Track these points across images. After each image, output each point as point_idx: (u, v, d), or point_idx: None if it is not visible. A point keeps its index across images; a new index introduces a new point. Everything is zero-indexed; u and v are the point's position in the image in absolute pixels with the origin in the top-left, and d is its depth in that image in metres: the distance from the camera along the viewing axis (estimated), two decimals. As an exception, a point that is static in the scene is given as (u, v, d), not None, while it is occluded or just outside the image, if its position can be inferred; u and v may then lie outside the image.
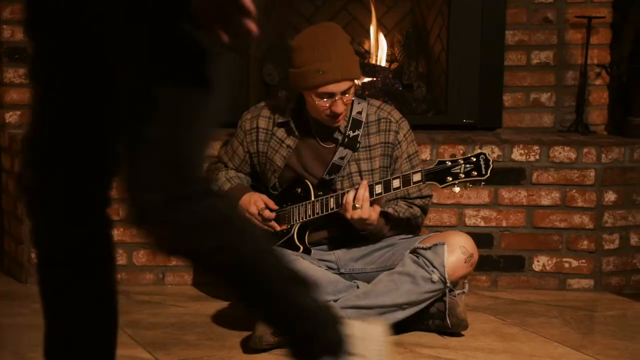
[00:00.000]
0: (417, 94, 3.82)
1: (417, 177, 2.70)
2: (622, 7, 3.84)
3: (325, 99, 2.77)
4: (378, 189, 2.73)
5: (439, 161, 2.70)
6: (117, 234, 3.35)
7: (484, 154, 2.67)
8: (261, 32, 1.46)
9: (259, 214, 2.85)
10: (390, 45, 3.94)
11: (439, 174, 2.69)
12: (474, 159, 2.67)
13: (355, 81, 2.87)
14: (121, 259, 3.37)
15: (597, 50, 3.65)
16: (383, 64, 3.91)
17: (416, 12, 3.99)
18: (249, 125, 2.97)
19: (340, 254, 2.90)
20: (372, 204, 2.74)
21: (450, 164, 2.68)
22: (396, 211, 2.89)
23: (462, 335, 2.80)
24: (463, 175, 2.67)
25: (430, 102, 3.78)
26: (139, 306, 3.09)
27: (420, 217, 2.95)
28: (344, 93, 2.77)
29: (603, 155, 3.31)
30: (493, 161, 2.68)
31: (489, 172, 2.66)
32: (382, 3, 3.97)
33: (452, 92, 3.62)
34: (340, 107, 2.76)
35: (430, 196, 2.98)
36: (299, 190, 2.88)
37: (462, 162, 2.67)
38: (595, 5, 3.62)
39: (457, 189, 2.69)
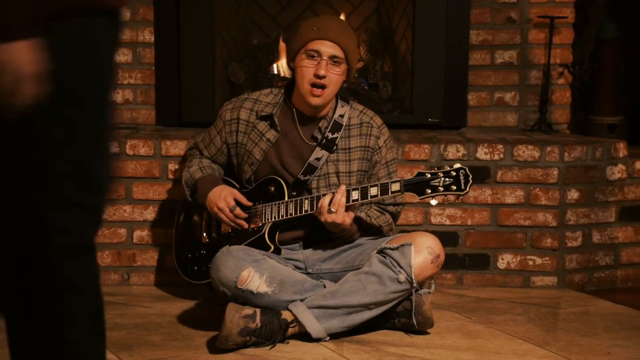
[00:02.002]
0: (382, 93, 3.83)
1: (395, 187, 2.70)
2: (583, 7, 3.89)
3: (313, 59, 2.77)
4: (355, 195, 2.73)
5: (418, 172, 2.70)
6: (81, 234, 3.32)
7: (464, 169, 2.66)
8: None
9: (230, 210, 2.84)
10: (356, 45, 3.94)
11: (418, 186, 2.68)
12: (454, 173, 2.66)
13: (349, 65, 2.84)
14: (85, 259, 3.34)
15: (560, 50, 3.70)
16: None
17: (381, 12, 4.00)
18: (230, 115, 2.95)
19: (308, 254, 2.90)
20: (347, 209, 2.74)
21: (429, 176, 2.68)
22: (368, 216, 2.89)
23: (428, 333, 2.81)
24: (442, 189, 2.67)
25: (396, 102, 3.80)
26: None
27: (392, 224, 2.96)
28: (332, 58, 2.77)
29: (566, 154, 3.35)
30: (470, 170, 2.67)
31: (468, 187, 2.66)
32: (348, 2, 3.98)
33: (417, 92, 3.64)
34: (322, 70, 2.75)
35: (403, 204, 2.98)
36: (272, 189, 2.87)
37: (442, 175, 2.67)
38: (557, 5, 3.66)
39: (434, 202, 2.68)
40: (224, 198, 2.85)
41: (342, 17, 3.89)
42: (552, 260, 3.37)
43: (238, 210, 2.85)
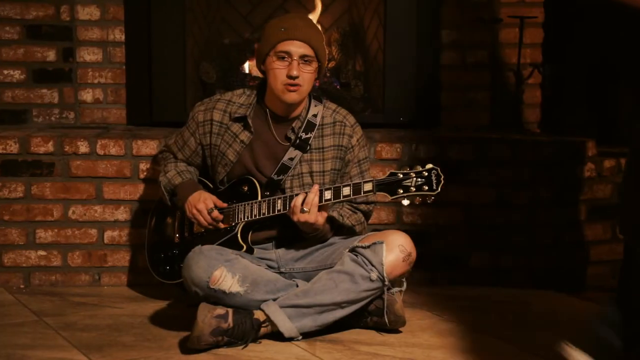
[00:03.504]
0: (354, 92, 3.84)
1: (368, 187, 2.70)
2: (553, 7, 3.92)
3: (284, 60, 2.77)
4: (327, 194, 2.73)
5: (390, 172, 2.70)
6: (52, 234, 3.31)
7: (436, 169, 2.67)
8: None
9: (208, 213, 2.83)
10: (328, 44, 3.95)
11: (390, 186, 2.69)
12: (426, 174, 2.67)
13: (321, 64, 2.84)
14: (56, 260, 3.32)
15: (530, 50, 3.72)
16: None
17: (353, 11, 4.01)
18: (203, 117, 2.94)
19: (281, 253, 2.90)
20: (320, 209, 2.74)
21: (402, 176, 2.68)
22: (341, 215, 2.90)
23: (400, 331, 2.82)
24: (414, 189, 2.67)
25: (368, 101, 3.81)
26: (74, 308, 3.04)
27: (364, 222, 2.96)
28: (302, 58, 2.77)
29: (537, 153, 3.37)
30: (442, 170, 2.68)
31: (439, 187, 2.67)
32: (320, 2, 3.97)
33: (389, 91, 3.65)
34: (294, 70, 2.75)
35: (375, 203, 2.99)
36: (246, 188, 2.86)
37: (414, 175, 2.68)
38: (527, 5, 3.69)
39: (406, 202, 2.69)
40: (203, 201, 2.84)
41: (313, 16, 3.90)
42: (523, 258, 3.39)
43: (215, 213, 2.84)
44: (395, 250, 2.75)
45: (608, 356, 1.99)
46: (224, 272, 2.65)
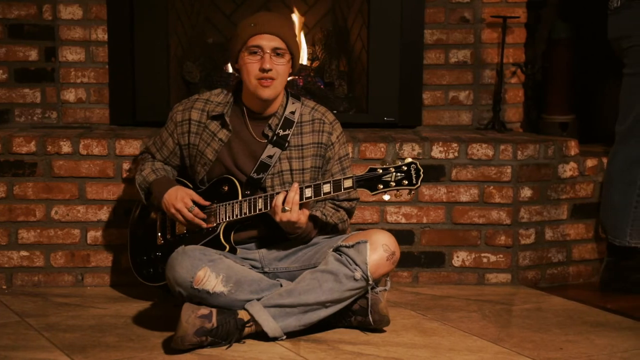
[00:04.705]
0: (338, 92, 3.84)
1: (348, 183, 2.71)
2: (535, 7, 3.94)
3: (256, 54, 2.77)
4: (308, 192, 2.73)
5: (370, 168, 2.71)
6: (34, 235, 3.29)
7: (415, 163, 2.69)
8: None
9: (189, 211, 2.82)
10: (311, 44, 3.96)
11: (370, 181, 2.70)
12: (405, 168, 2.68)
13: (295, 57, 2.85)
14: (38, 260, 3.30)
15: (513, 50, 3.74)
16: (304, 62, 3.92)
17: (336, 11, 4.01)
18: (181, 117, 2.93)
19: (264, 253, 2.90)
20: (301, 207, 2.74)
21: (381, 171, 2.69)
22: (324, 214, 2.90)
23: (384, 331, 2.83)
24: (394, 184, 2.69)
25: (351, 101, 3.81)
26: (57, 308, 3.03)
27: (347, 220, 2.97)
28: (274, 51, 2.77)
29: (519, 152, 3.39)
30: (421, 165, 2.70)
31: (419, 181, 2.68)
32: (303, 1, 3.98)
33: (373, 91, 3.66)
34: (267, 63, 2.75)
35: (358, 199, 3.00)
36: (226, 188, 2.86)
37: (394, 170, 2.69)
38: (510, 5, 3.70)
39: (387, 197, 2.70)
40: (180, 199, 2.84)
41: (297, 15, 3.90)
42: (506, 257, 3.41)
43: (196, 210, 2.84)
44: (379, 249, 2.76)
45: None
46: (208, 272, 2.65)
